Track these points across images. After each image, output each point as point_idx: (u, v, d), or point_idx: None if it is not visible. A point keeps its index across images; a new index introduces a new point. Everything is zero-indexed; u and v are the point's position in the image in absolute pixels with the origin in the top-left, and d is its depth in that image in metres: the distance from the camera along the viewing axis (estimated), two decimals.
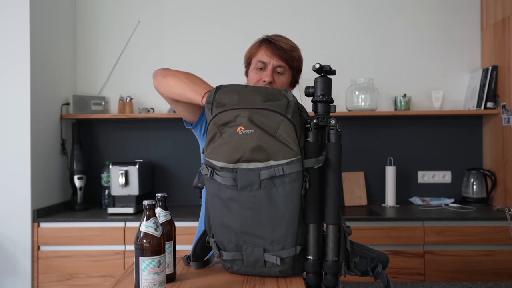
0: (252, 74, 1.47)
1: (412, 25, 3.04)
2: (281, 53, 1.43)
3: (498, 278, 2.41)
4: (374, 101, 2.83)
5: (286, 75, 1.47)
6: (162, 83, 1.35)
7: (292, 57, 1.46)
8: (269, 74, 1.42)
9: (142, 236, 0.97)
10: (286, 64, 1.45)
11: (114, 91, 3.06)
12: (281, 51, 1.43)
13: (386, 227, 2.45)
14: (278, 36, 1.49)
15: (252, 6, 3.05)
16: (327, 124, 1.10)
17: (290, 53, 1.45)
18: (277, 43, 1.44)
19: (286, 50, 1.44)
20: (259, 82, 1.44)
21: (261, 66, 1.45)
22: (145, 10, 3.07)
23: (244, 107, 1.08)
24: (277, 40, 1.45)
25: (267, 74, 1.42)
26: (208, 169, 1.10)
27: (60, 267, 2.48)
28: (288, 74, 1.47)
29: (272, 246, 1.08)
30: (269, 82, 1.42)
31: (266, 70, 1.44)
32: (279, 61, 1.44)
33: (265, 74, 1.43)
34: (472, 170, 2.92)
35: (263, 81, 1.43)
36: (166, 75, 1.36)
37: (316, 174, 1.07)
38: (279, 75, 1.45)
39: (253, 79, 1.46)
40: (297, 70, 1.50)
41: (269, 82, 1.42)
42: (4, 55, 2.49)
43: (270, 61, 1.43)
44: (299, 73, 1.53)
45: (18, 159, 2.49)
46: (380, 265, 1.14)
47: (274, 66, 1.44)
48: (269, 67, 1.43)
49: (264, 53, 1.45)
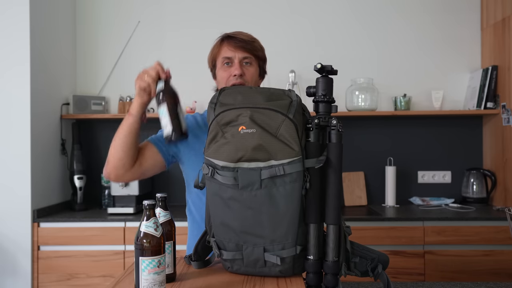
0: (220, 72, 1.46)
1: (412, 25, 3.04)
2: (244, 45, 1.43)
3: (498, 278, 2.41)
4: (374, 101, 2.83)
5: (254, 65, 1.45)
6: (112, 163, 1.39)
7: (255, 47, 1.45)
8: (237, 67, 1.41)
9: (142, 236, 0.97)
10: (251, 54, 1.44)
11: (114, 91, 3.06)
12: (244, 42, 1.43)
13: (386, 227, 2.45)
14: (237, 31, 1.49)
15: (251, 6, 3.05)
16: (328, 124, 1.10)
17: (252, 43, 1.45)
18: (237, 36, 1.44)
19: (248, 41, 1.44)
20: (230, 78, 1.42)
21: (227, 61, 1.44)
22: (145, 10, 3.07)
23: (246, 106, 1.08)
24: (236, 34, 1.46)
25: (236, 68, 1.41)
26: (209, 168, 1.10)
27: (60, 267, 2.48)
28: (255, 65, 1.46)
29: (272, 246, 1.08)
30: (240, 74, 1.40)
31: (234, 64, 1.42)
32: (244, 53, 1.43)
33: (234, 68, 1.42)
34: (472, 170, 2.92)
35: (234, 75, 1.41)
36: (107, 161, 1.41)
37: (317, 174, 1.07)
38: (247, 66, 1.44)
39: (223, 77, 1.44)
40: (262, 60, 1.49)
41: (240, 75, 1.41)
42: (4, 55, 2.49)
43: (235, 55, 1.42)
44: (265, 63, 1.52)
45: (18, 159, 2.49)
46: (380, 265, 1.14)
47: (240, 58, 1.42)
48: (236, 60, 1.42)
49: (227, 49, 1.44)
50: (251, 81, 1.44)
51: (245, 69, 1.43)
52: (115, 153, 1.39)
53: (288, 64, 2.99)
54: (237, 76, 1.40)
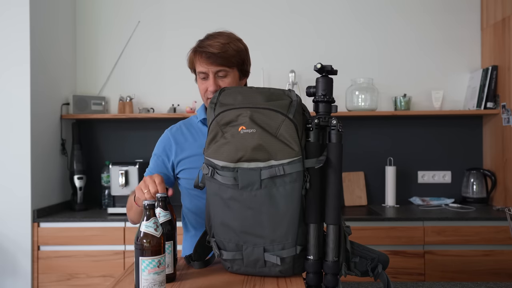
0: (199, 83, 1.44)
1: (412, 25, 3.03)
2: (215, 59, 1.37)
3: (498, 278, 2.41)
4: (374, 101, 2.83)
5: (230, 75, 1.41)
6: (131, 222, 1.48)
7: (227, 57, 1.39)
8: (211, 83, 1.39)
9: (142, 236, 0.97)
10: (224, 67, 1.39)
11: (114, 91, 3.06)
12: (214, 57, 1.37)
13: (386, 227, 2.45)
14: (207, 40, 1.42)
15: (251, 6, 3.05)
16: (328, 124, 1.10)
17: (223, 54, 1.38)
18: (207, 50, 1.38)
19: (217, 54, 1.37)
20: (207, 92, 1.41)
21: (203, 76, 1.42)
22: (145, 10, 3.07)
23: (246, 106, 1.08)
24: (206, 46, 1.39)
25: (210, 83, 1.39)
26: (209, 168, 1.10)
27: (60, 267, 2.48)
28: (232, 73, 1.41)
29: (272, 246, 1.08)
30: (214, 90, 1.38)
31: (209, 79, 1.40)
32: (216, 67, 1.38)
33: (209, 84, 1.40)
34: (472, 170, 2.91)
35: (210, 90, 1.39)
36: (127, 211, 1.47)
37: (316, 174, 1.07)
38: (222, 78, 1.40)
39: (201, 89, 1.44)
40: (240, 64, 1.43)
41: (215, 90, 1.38)
42: (4, 55, 2.49)
43: (208, 69, 1.39)
44: (244, 64, 1.46)
45: (18, 159, 2.49)
46: (380, 265, 1.14)
47: (214, 72, 1.39)
48: (210, 75, 1.39)
49: (199, 64, 1.41)
50: None
51: (221, 81, 1.40)
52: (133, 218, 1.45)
53: (288, 64, 2.99)
54: (212, 91, 1.38)
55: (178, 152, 1.48)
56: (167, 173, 1.49)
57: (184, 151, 1.47)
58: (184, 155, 1.47)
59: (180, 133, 1.51)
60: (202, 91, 1.44)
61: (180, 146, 1.48)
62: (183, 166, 1.47)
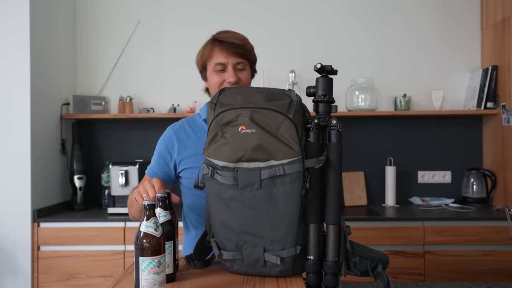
0: (212, 77, 1.43)
1: (412, 25, 3.04)
2: (237, 50, 1.39)
3: (498, 278, 2.41)
4: (374, 101, 2.83)
5: (247, 69, 1.44)
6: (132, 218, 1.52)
7: (247, 50, 1.43)
8: (232, 74, 1.39)
9: (142, 236, 0.97)
10: (244, 59, 1.42)
11: (114, 91, 3.06)
12: (237, 47, 1.39)
13: (386, 227, 2.45)
14: (226, 33, 1.45)
15: (251, 6, 3.05)
16: (328, 124, 1.10)
17: (244, 47, 1.41)
18: (229, 40, 1.40)
19: (240, 45, 1.40)
20: (224, 84, 1.40)
21: (220, 68, 1.41)
22: (145, 10, 3.07)
23: (246, 106, 1.08)
24: (228, 37, 1.41)
25: (230, 75, 1.39)
26: (209, 168, 1.10)
27: (60, 267, 2.48)
28: (248, 68, 1.44)
29: (272, 246, 1.08)
30: (235, 81, 1.39)
31: (228, 71, 1.40)
32: (237, 59, 1.40)
33: (228, 75, 1.40)
34: (472, 170, 2.91)
35: (228, 82, 1.39)
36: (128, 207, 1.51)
37: (316, 174, 1.07)
38: (241, 71, 1.42)
39: (216, 82, 1.42)
40: (253, 61, 1.47)
41: (235, 82, 1.39)
42: (4, 55, 2.49)
43: (228, 61, 1.40)
44: (255, 63, 1.50)
45: (18, 159, 2.49)
46: (380, 265, 1.14)
47: (233, 64, 1.40)
48: (229, 67, 1.40)
49: (220, 54, 1.41)
50: (246, 84, 1.44)
51: (240, 74, 1.42)
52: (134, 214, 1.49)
53: (288, 64, 2.99)
54: (232, 83, 1.39)
55: (181, 151, 1.46)
56: (168, 172, 1.48)
57: (187, 149, 1.45)
58: (187, 154, 1.45)
59: (182, 131, 1.49)
60: (217, 84, 1.42)
61: (182, 145, 1.46)
62: (185, 165, 1.46)
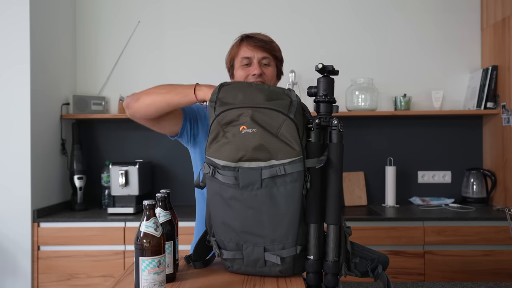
0: (239, 72, 1.47)
1: (412, 25, 3.03)
2: (263, 45, 1.45)
3: (498, 278, 2.41)
4: (374, 101, 2.83)
5: (272, 65, 1.48)
6: (139, 107, 1.34)
7: (274, 48, 1.48)
8: (257, 67, 1.44)
9: (142, 236, 0.97)
10: (270, 54, 1.47)
11: (114, 91, 3.06)
12: (263, 42, 1.45)
13: (386, 227, 2.45)
14: (255, 32, 1.51)
15: (251, 6, 3.05)
16: (329, 124, 1.10)
17: (271, 44, 1.48)
18: (257, 36, 1.47)
19: (267, 41, 1.47)
20: (248, 77, 1.44)
21: (246, 62, 1.46)
22: (145, 10, 3.07)
23: (247, 106, 1.08)
24: (255, 34, 1.48)
25: (255, 68, 1.44)
26: (210, 167, 1.10)
27: (60, 267, 2.48)
28: (273, 65, 1.49)
29: (272, 246, 1.08)
30: (259, 74, 1.43)
31: (253, 64, 1.45)
32: (263, 53, 1.45)
33: (253, 68, 1.44)
34: (472, 170, 2.91)
35: (253, 74, 1.43)
36: (138, 98, 1.34)
37: (317, 174, 1.07)
38: (266, 66, 1.46)
39: (240, 75, 1.46)
40: (280, 60, 1.53)
41: (259, 74, 1.43)
42: (4, 55, 2.49)
43: (254, 55, 1.44)
44: (282, 64, 1.55)
45: (18, 159, 2.49)
46: (380, 266, 1.14)
47: (259, 58, 1.45)
48: (255, 60, 1.45)
49: (246, 49, 1.46)
50: (271, 80, 1.48)
51: (265, 69, 1.46)
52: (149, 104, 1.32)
53: (288, 64, 2.94)
54: (256, 75, 1.43)
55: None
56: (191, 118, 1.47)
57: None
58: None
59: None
60: (242, 78, 1.46)
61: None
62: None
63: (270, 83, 1.46)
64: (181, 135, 1.48)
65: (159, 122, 1.41)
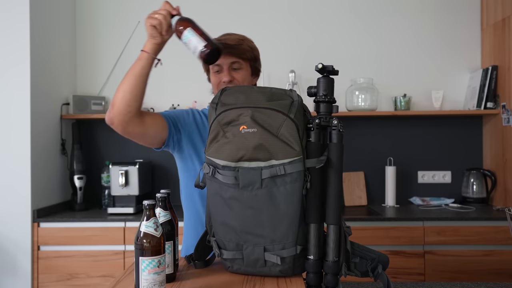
0: (212, 78, 1.49)
1: (412, 25, 3.04)
2: (230, 50, 1.43)
3: (498, 278, 2.41)
4: (374, 101, 2.83)
5: (244, 68, 1.47)
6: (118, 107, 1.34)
7: (242, 50, 1.46)
8: (226, 74, 1.44)
9: (142, 236, 0.97)
10: (238, 58, 1.45)
11: (114, 91, 3.03)
12: (229, 48, 1.43)
13: (386, 227, 2.45)
14: (224, 35, 1.50)
15: (251, 7, 3.05)
16: (329, 124, 1.10)
17: (238, 47, 1.45)
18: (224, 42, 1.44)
19: (233, 45, 1.44)
20: (220, 84, 1.44)
21: (217, 69, 1.46)
22: (145, 10, 3.05)
23: (247, 106, 1.08)
24: (223, 39, 1.46)
25: (225, 74, 1.44)
26: (209, 167, 1.10)
27: (60, 267, 2.48)
28: (245, 67, 1.47)
29: (272, 246, 1.08)
30: (229, 80, 1.43)
31: (223, 71, 1.45)
32: (231, 58, 1.44)
33: (223, 75, 1.44)
34: (472, 170, 2.91)
35: (223, 81, 1.43)
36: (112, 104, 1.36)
37: (317, 174, 1.07)
38: (236, 71, 1.46)
39: (214, 82, 1.48)
40: (253, 60, 1.50)
41: (229, 81, 1.43)
42: (4, 55, 2.49)
43: (223, 61, 1.43)
44: (257, 62, 1.52)
45: (18, 159, 2.49)
46: (380, 265, 1.14)
47: (228, 64, 1.44)
48: (225, 67, 1.44)
49: None
50: (242, 83, 1.46)
51: (235, 73, 1.45)
52: (123, 96, 1.35)
53: (288, 64, 2.99)
54: (226, 82, 1.43)
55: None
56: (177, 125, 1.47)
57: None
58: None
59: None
60: (216, 85, 1.47)
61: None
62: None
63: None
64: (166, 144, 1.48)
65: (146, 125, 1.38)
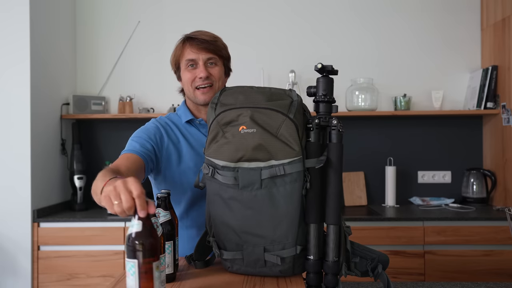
0: (185, 74, 1.44)
1: (412, 25, 3.03)
2: (207, 46, 1.42)
3: (498, 278, 2.41)
4: (374, 101, 2.83)
5: (219, 65, 1.45)
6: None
7: (218, 47, 1.45)
8: (202, 69, 1.41)
9: None
10: (215, 54, 1.43)
11: (114, 91, 3.06)
12: (206, 43, 1.42)
13: (386, 227, 2.45)
14: (197, 31, 1.48)
15: (251, 7, 3.04)
16: (329, 124, 1.10)
17: (215, 43, 1.44)
18: (199, 37, 1.43)
19: (210, 41, 1.43)
20: (195, 80, 1.41)
21: (191, 63, 1.43)
22: (145, 11, 3.07)
23: (246, 106, 1.08)
24: (198, 35, 1.44)
25: (201, 70, 1.41)
26: (209, 168, 1.10)
27: (60, 267, 2.48)
28: (220, 64, 1.46)
29: (272, 246, 1.08)
30: (206, 76, 1.40)
31: (198, 66, 1.42)
32: (207, 54, 1.42)
33: (199, 70, 1.41)
34: (472, 170, 2.91)
35: (199, 77, 1.41)
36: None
37: (317, 174, 1.07)
38: (212, 66, 1.43)
39: (188, 78, 1.43)
40: (226, 58, 1.49)
41: (206, 77, 1.40)
42: (4, 55, 2.49)
43: (199, 56, 1.41)
44: (229, 61, 1.51)
45: (18, 159, 2.49)
46: (380, 265, 1.14)
47: (204, 60, 1.42)
48: (200, 62, 1.42)
49: (190, 50, 1.43)
50: (219, 80, 1.44)
51: (211, 69, 1.43)
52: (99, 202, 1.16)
53: (288, 64, 2.99)
54: (203, 78, 1.40)
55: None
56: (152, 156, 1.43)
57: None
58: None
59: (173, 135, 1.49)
60: (189, 81, 1.43)
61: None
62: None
63: (218, 83, 1.43)
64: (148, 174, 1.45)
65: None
